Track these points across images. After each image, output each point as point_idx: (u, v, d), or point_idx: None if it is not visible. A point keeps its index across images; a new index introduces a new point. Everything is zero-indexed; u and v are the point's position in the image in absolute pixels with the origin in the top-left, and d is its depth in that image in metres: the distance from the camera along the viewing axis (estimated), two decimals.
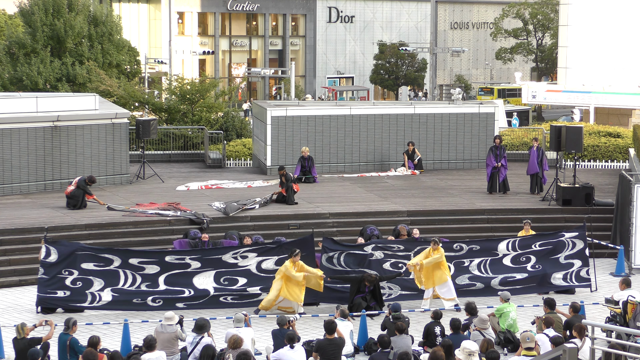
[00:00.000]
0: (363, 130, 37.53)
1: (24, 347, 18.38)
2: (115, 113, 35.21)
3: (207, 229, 28.27)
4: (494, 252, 25.07)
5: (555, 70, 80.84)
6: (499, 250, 25.09)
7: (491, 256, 25.02)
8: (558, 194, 31.21)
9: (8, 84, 51.68)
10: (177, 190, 33.62)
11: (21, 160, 32.68)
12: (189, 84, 46.03)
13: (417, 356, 18.82)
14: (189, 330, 19.77)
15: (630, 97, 58.90)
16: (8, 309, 23.79)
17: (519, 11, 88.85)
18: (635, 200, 27.27)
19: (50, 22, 52.73)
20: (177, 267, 23.64)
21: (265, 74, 74.41)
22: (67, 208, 29.99)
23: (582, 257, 25.50)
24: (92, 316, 23.01)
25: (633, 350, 14.93)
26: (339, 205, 31.04)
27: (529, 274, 25.19)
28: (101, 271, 23.36)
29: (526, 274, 25.19)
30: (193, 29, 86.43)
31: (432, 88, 76.62)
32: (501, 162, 32.84)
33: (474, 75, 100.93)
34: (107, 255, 23.56)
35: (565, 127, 31.68)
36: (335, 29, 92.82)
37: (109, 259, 23.48)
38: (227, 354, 17.75)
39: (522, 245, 25.30)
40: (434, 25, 76.99)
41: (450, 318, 19.70)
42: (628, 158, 39.08)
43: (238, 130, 44.80)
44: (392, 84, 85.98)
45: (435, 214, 30.53)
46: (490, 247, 25.15)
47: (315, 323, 22.44)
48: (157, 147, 41.29)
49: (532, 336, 17.45)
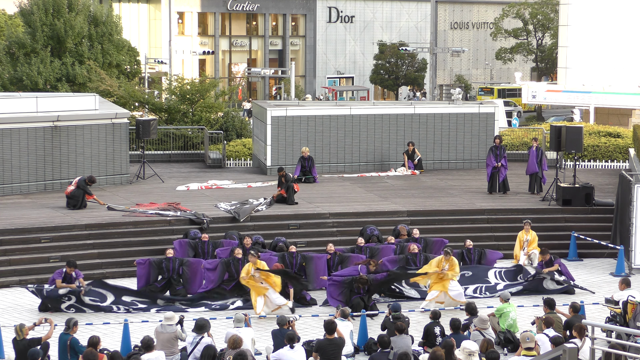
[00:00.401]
0: (363, 130, 37.53)
1: (24, 348, 18.38)
2: (115, 113, 35.21)
3: (207, 229, 28.27)
4: (486, 280, 25.70)
5: (555, 70, 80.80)
6: (489, 278, 25.74)
7: (485, 283, 25.62)
8: (558, 194, 31.20)
9: (8, 84, 51.66)
10: (177, 190, 33.62)
11: (21, 160, 32.67)
12: (189, 84, 46.02)
13: (417, 356, 18.82)
14: (189, 330, 19.77)
15: (630, 97, 58.87)
16: (8, 309, 23.79)
17: (519, 11, 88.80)
18: (635, 200, 27.26)
19: (50, 22, 52.71)
20: (168, 307, 23.78)
21: (265, 74, 74.36)
22: (67, 208, 29.98)
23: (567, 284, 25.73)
24: (92, 316, 23.02)
25: (633, 350, 14.93)
26: (339, 205, 31.03)
27: (523, 287, 25.68)
28: (95, 305, 23.55)
29: (521, 287, 25.69)
30: (193, 29, 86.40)
31: (432, 88, 76.61)
32: (501, 162, 32.83)
33: (474, 75, 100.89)
34: (100, 290, 23.74)
35: (565, 127, 31.68)
36: (335, 29, 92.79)
37: (102, 294, 23.67)
38: (227, 354, 17.75)
39: (508, 276, 25.96)
40: (434, 25, 76.98)
41: (450, 318, 19.70)
42: (628, 158, 39.08)
43: (238, 130, 44.80)
44: (392, 84, 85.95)
45: (435, 214, 30.52)
46: (482, 275, 25.75)
47: (315, 323, 22.45)
48: (157, 147, 41.29)
49: (532, 336, 17.46)
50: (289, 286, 24.14)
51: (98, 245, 27.54)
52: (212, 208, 30.17)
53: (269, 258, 25.40)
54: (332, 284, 23.96)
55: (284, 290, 24.09)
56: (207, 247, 26.63)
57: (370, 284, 23.49)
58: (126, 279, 26.22)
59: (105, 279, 25.97)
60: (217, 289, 24.75)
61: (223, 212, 29.72)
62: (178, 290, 24.95)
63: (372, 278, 23.69)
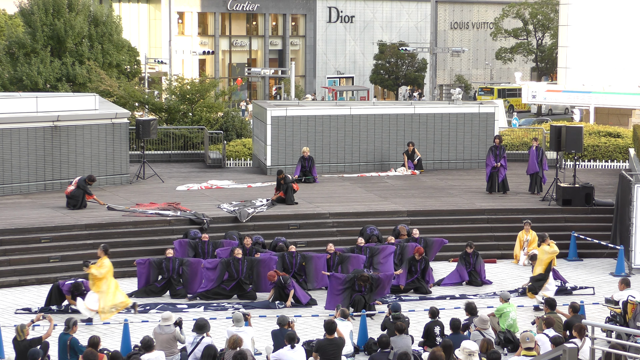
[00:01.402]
0: (363, 130, 37.53)
1: (25, 349, 18.36)
2: (115, 113, 35.20)
3: (207, 229, 28.26)
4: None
5: (555, 70, 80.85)
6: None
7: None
8: (558, 194, 31.20)
9: (8, 84, 51.67)
10: (177, 190, 33.62)
11: (21, 160, 32.67)
12: (189, 84, 46.03)
13: (417, 356, 18.82)
14: (189, 331, 19.76)
15: (630, 97, 58.89)
16: (8, 309, 23.78)
17: (519, 11, 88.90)
18: (635, 200, 27.26)
19: (50, 22, 52.72)
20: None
21: (265, 74, 74.38)
22: (67, 208, 29.98)
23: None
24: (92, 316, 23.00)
25: (633, 350, 14.93)
26: (339, 205, 31.03)
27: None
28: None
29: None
30: (193, 29, 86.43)
31: (432, 88, 76.65)
32: (500, 162, 32.83)
33: (474, 75, 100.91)
34: None
35: (565, 127, 31.68)
36: (335, 29, 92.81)
37: None
38: (227, 354, 17.74)
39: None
40: (434, 25, 77.01)
41: (450, 318, 19.70)
42: (628, 158, 39.08)
43: (238, 130, 44.81)
44: (392, 84, 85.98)
45: (435, 214, 30.51)
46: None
47: (315, 323, 22.44)
48: (157, 147, 41.29)
49: (531, 336, 17.45)
50: (289, 287, 24.13)
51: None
52: (212, 208, 30.17)
53: (269, 258, 25.41)
54: (335, 279, 23.92)
55: (283, 291, 24.10)
56: (207, 247, 26.62)
57: (371, 283, 23.48)
58: (126, 279, 26.20)
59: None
60: (217, 289, 24.75)
61: (225, 212, 29.71)
62: (178, 290, 24.95)
63: (374, 277, 23.70)
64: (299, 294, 24.29)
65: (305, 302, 24.19)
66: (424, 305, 23.61)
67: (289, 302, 23.92)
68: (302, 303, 24.14)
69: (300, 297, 24.25)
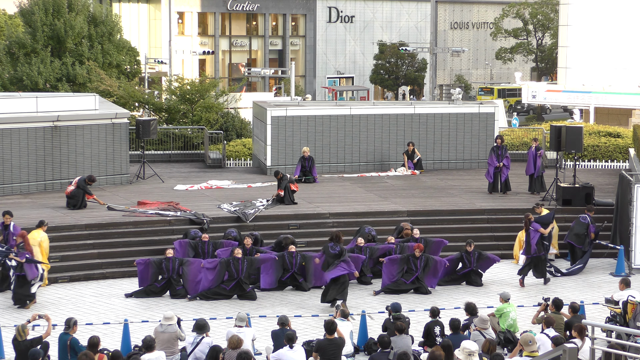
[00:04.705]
0: (363, 130, 37.53)
1: (25, 349, 18.35)
2: (115, 113, 35.21)
3: (207, 229, 28.26)
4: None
5: (555, 70, 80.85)
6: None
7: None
8: (558, 194, 31.20)
9: (8, 84, 51.66)
10: (177, 189, 33.62)
11: (21, 160, 32.67)
12: (188, 84, 46.02)
13: (417, 356, 18.81)
14: (189, 331, 19.76)
15: (630, 97, 58.90)
16: (8, 309, 23.79)
17: (519, 11, 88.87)
18: (635, 200, 27.27)
19: (50, 22, 52.71)
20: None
21: (265, 74, 74.35)
22: (67, 208, 29.99)
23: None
24: (92, 316, 23.03)
25: (633, 350, 14.93)
26: (339, 205, 31.04)
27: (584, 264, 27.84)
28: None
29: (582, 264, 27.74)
30: (193, 29, 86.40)
31: (432, 88, 76.64)
32: (503, 162, 32.82)
33: (474, 75, 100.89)
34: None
35: (565, 127, 31.68)
36: (335, 29, 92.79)
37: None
38: (227, 354, 17.74)
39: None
40: (434, 25, 77.02)
41: (450, 318, 19.70)
42: (628, 158, 39.08)
43: (238, 130, 44.79)
44: (392, 84, 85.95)
45: (435, 214, 30.52)
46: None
47: (315, 323, 22.45)
48: (157, 147, 41.29)
49: (533, 338, 17.36)
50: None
51: (98, 245, 27.53)
52: (212, 208, 30.17)
53: (268, 257, 25.45)
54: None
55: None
56: (207, 247, 26.62)
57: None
58: (126, 279, 26.23)
59: (105, 279, 26.04)
60: (217, 289, 24.77)
61: (225, 212, 29.71)
62: (178, 290, 24.96)
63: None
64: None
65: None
66: (424, 305, 23.63)
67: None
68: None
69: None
